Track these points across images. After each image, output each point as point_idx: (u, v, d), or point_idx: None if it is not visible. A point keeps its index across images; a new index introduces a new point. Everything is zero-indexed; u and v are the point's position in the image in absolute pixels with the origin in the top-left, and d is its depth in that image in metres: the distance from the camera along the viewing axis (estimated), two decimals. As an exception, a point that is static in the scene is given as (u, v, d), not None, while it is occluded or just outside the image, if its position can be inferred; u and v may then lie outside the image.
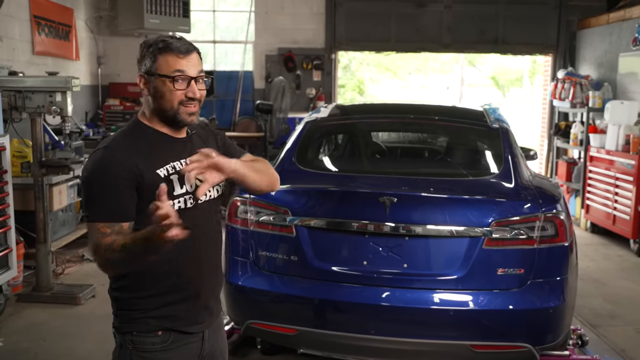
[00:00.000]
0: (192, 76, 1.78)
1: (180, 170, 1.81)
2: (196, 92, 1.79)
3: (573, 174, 7.75)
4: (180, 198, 1.80)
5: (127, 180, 1.71)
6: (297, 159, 3.45)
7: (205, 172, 1.71)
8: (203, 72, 1.83)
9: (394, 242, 2.96)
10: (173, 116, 1.79)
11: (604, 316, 4.45)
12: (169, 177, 1.78)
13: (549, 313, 2.97)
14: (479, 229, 2.92)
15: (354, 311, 2.98)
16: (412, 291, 2.96)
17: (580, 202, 7.43)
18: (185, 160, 1.80)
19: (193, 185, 1.79)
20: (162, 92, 1.77)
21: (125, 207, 1.73)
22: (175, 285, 1.83)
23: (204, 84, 1.84)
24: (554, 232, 2.97)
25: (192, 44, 1.82)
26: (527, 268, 2.93)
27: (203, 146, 1.87)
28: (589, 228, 7.22)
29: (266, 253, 3.10)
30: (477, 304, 2.92)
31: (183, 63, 1.76)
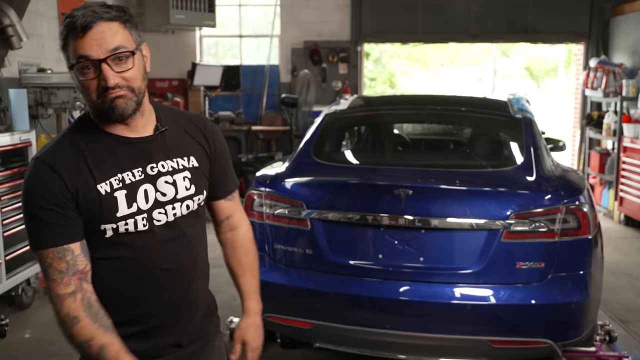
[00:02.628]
0: (98, 58, 1.33)
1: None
2: (109, 80, 1.33)
3: (606, 165, 7.54)
4: (128, 220, 1.43)
5: (61, 201, 1.37)
6: (314, 152, 3.42)
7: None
8: (120, 47, 1.35)
9: (410, 235, 2.91)
10: (102, 111, 1.39)
11: (635, 311, 4.31)
12: (112, 194, 1.41)
13: (571, 308, 2.88)
14: (498, 221, 2.84)
15: (369, 305, 2.94)
16: (428, 285, 2.90)
17: (613, 194, 7.22)
18: (143, 168, 1.45)
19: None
20: (78, 86, 1.40)
21: (67, 227, 1.39)
22: (135, 317, 1.51)
23: (128, 62, 1.37)
24: (576, 225, 2.87)
25: (104, 10, 1.35)
26: (548, 262, 2.84)
27: (176, 149, 1.51)
28: (623, 221, 7.01)
29: (282, 246, 3.08)
30: (496, 298, 2.85)
31: (83, 44, 1.32)
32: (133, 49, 1.38)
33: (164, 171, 1.49)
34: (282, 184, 3.15)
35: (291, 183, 3.16)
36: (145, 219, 1.45)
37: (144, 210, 1.45)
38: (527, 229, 2.83)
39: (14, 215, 4.00)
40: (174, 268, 1.51)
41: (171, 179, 1.49)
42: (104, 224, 1.42)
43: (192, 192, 1.53)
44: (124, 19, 1.37)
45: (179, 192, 1.50)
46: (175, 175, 1.50)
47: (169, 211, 1.49)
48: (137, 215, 1.44)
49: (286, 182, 3.16)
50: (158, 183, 1.47)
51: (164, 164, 1.49)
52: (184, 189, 1.51)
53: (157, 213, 1.47)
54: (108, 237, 1.43)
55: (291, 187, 3.12)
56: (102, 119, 1.43)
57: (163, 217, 1.48)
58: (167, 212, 1.49)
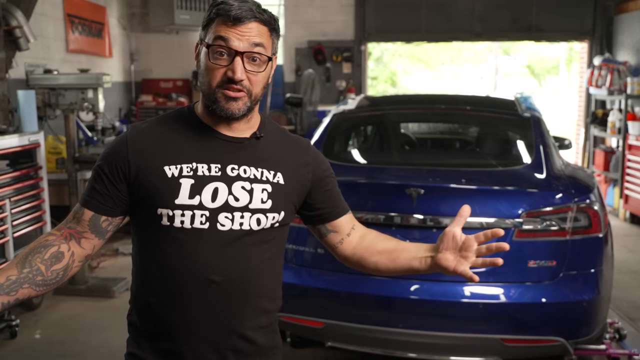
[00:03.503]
0: (237, 49, 1.32)
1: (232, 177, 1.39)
2: (237, 71, 1.31)
3: (611, 163, 7.54)
4: (186, 211, 1.35)
5: (115, 179, 1.37)
6: (324, 152, 3.41)
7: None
8: (261, 49, 1.34)
9: (422, 234, 2.91)
10: (211, 102, 1.36)
11: (643, 309, 4.32)
12: (177, 179, 1.35)
13: (583, 306, 2.89)
14: (509, 220, 2.85)
15: (381, 304, 2.95)
16: (440, 284, 2.91)
17: (618, 192, 7.22)
18: (223, 166, 1.39)
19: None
20: (201, 66, 1.37)
21: (103, 199, 1.38)
22: (164, 331, 1.40)
23: (261, 65, 1.35)
24: (587, 223, 2.89)
25: (259, 10, 1.37)
26: (560, 260, 2.86)
27: (266, 161, 1.43)
28: (628, 218, 7.02)
29: (293, 246, 3.09)
30: (508, 296, 2.86)
31: (229, 31, 1.32)
32: (269, 56, 1.38)
33: (244, 176, 1.40)
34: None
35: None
36: (207, 218, 1.36)
37: (208, 207, 1.36)
38: (539, 228, 2.84)
39: (23, 216, 4.00)
40: (223, 282, 1.38)
41: (249, 186, 1.39)
42: (161, 208, 1.35)
43: (268, 207, 1.41)
44: (272, 26, 1.39)
45: (253, 202, 1.39)
46: (254, 184, 1.40)
47: (237, 219, 1.38)
48: (197, 210, 1.35)
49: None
50: (234, 186, 1.38)
51: (246, 169, 1.40)
52: (260, 201, 1.40)
53: (223, 216, 1.37)
54: (164, 225, 1.36)
55: (302, 186, 3.13)
56: (208, 111, 1.40)
57: (228, 222, 1.37)
58: (235, 219, 1.38)
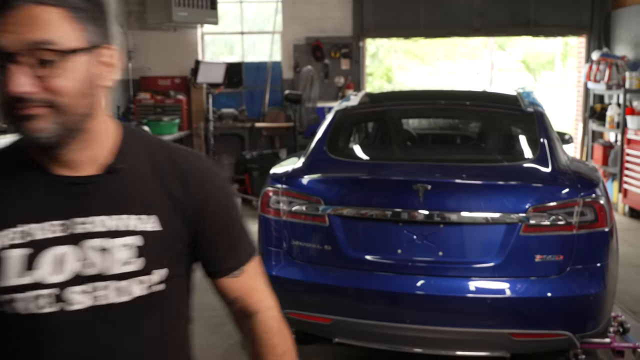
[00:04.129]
0: (6, 51, 0.88)
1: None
2: (14, 85, 0.88)
3: (609, 157, 7.58)
4: (19, 295, 0.96)
5: None
6: (328, 148, 3.42)
7: None
8: (47, 43, 0.89)
9: (429, 230, 2.92)
10: (12, 129, 0.94)
11: (645, 302, 4.35)
12: (5, 253, 0.95)
13: (590, 300, 2.91)
14: (516, 215, 2.86)
15: (388, 300, 2.96)
16: (447, 279, 2.92)
17: (617, 186, 7.26)
18: (67, 222, 0.98)
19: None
20: None
21: None
22: None
23: (59, 65, 0.90)
24: (593, 217, 2.90)
25: None
26: (566, 254, 2.87)
27: (129, 202, 1.01)
28: (627, 212, 7.05)
29: (299, 243, 3.10)
30: (515, 291, 2.87)
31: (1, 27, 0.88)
32: (72, 47, 0.91)
33: (98, 230, 0.99)
34: (299, 181, 3.16)
35: (308, 179, 3.17)
36: (53, 298, 0.97)
37: (51, 283, 0.96)
38: (546, 222, 2.85)
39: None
40: None
41: (108, 244, 0.99)
42: None
43: (138, 268, 1.01)
44: (74, 5, 0.92)
45: (115, 264, 1.00)
46: (115, 239, 1.00)
47: (96, 292, 0.99)
48: (37, 290, 0.96)
49: (303, 179, 3.18)
50: (85, 247, 0.99)
51: (103, 221, 1.00)
52: (123, 263, 1.00)
53: (75, 292, 0.98)
54: None
55: (308, 183, 3.13)
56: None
57: (84, 298, 0.98)
58: (93, 292, 0.99)
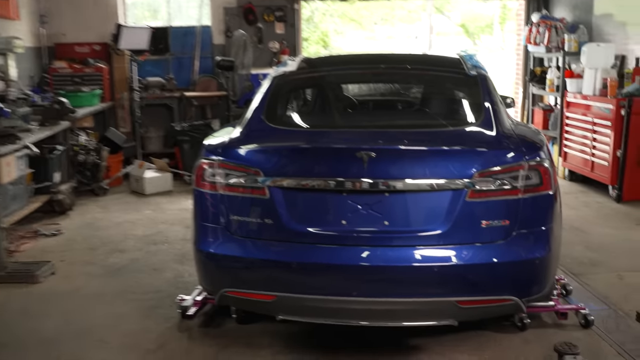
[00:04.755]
0: None
1: None
2: None
3: (550, 121, 7.85)
4: None
5: None
6: (266, 116, 3.38)
7: None
8: None
9: (374, 199, 2.94)
10: None
11: (585, 264, 4.55)
12: None
13: (535, 264, 3.01)
14: (461, 181, 2.92)
15: (334, 273, 2.98)
16: (394, 249, 2.96)
17: (557, 149, 7.54)
18: None
19: None
20: None
21: None
22: None
23: None
24: (538, 181, 2.99)
25: None
26: (512, 219, 2.95)
27: None
28: (567, 176, 7.35)
29: (238, 217, 3.06)
30: (462, 258, 2.94)
31: None
32: None
33: None
34: (236, 151, 3.12)
35: (246, 150, 3.13)
36: None
37: None
38: (492, 187, 2.92)
39: None
40: None
41: None
42: None
43: None
44: None
45: None
46: None
47: None
48: None
49: (240, 149, 3.13)
50: None
51: None
52: None
53: None
54: None
55: (246, 154, 3.09)
56: None
57: None
58: None
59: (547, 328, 3.47)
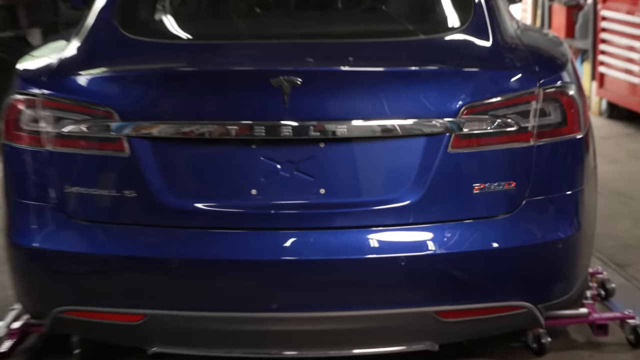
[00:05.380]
0: None
1: None
2: None
3: (577, 24, 7.85)
4: None
5: None
6: (120, 22, 3.31)
7: None
8: None
9: (302, 153, 2.92)
10: None
11: (635, 248, 4.64)
12: None
13: (558, 249, 3.05)
14: (441, 120, 2.91)
15: (240, 275, 2.96)
16: (335, 233, 2.95)
17: (589, 70, 7.60)
18: None
19: None
20: None
21: None
22: None
23: None
24: (559, 119, 3.01)
25: None
26: (521, 180, 2.97)
27: None
28: (605, 111, 7.44)
29: (80, 189, 3.01)
30: (443, 244, 2.95)
31: None
32: None
33: None
34: (72, 81, 3.06)
35: (88, 78, 3.07)
36: None
37: None
38: (488, 130, 2.92)
39: None
40: None
41: None
42: None
43: None
44: None
45: None
46: None
47: None
48: None
49: (79, 77, 3.07)
50: None
51: None
52: None
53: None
54: None
55: (89, 84, 3.04)
56: None
57: None
58: None
59: (577, 349, 3.49)
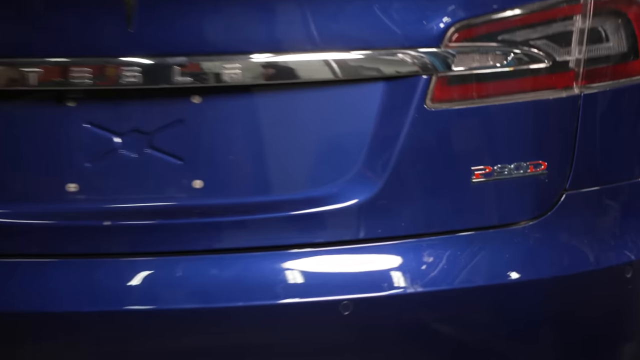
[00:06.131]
0: None
1: None
2: None
3: None
4: None
5: None
6: None
7: None
8: None
9: (160, 115, 2.20)
10: None
11: None
12: None
13: (626, 282, 2.42)
14: (412, 52, 2.18)
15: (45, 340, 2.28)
16: (221, 261, 2.27)
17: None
18: None
19: None
20: None
21: None
22: None
23: None
24: (625, 47, 2.36)
25: None
26: (557, 158, 2.33)
27: None
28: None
29: None
30: (420, 278, 2.26)
31: None
32: None
33: None
34: None
35: None
36: None
37: None
38: (496, 69, 2.23)
39: None
40: None
41: None
42: None
43: None
44: None
45: None
46: None
47: None
48: None
49: None
50: None
51: None
52: None
53: None
54: None
55: None
56: None
57: None
58: None
59: None
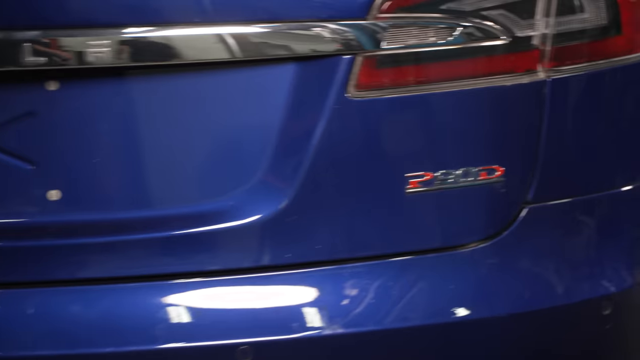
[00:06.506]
0: None
1: None
2: None
3: None
4: None
5: None
6: None
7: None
8: None
9: (7, 105, 1.91)
10: None
11: None
12: None
13: (602, 320, 2.17)
14: (331, 25, 1.94)
15: None
16: (86, 294, 1.97)
17: None
18: None
19: None
20: None
21: None
22: None
23: None
24: (604, 19, 2.08)
25: None
26: (517, 161, 2.07)
27: None
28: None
29: None
30: (340, 316, 1.97)
31: None
32: None
33: None
34: None
35: None
36: None
37: None
38: (439, 47, 1.98)
39: None
40: None
41: None
42: None
43: None
44: None
45: None
46: None
47: None
48: None
49: None
50: None
51: None
52: None
53: None
54: None
55: None
56: None
57: None
58: None
59: None
